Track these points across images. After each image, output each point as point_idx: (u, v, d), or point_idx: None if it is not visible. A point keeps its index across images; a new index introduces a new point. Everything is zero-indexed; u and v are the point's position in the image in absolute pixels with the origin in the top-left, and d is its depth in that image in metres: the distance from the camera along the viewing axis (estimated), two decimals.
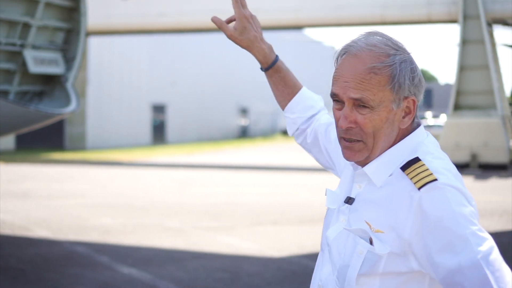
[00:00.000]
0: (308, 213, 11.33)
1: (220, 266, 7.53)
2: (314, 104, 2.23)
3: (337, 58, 1.75)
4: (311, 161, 24.81)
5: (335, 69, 1.74)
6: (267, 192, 14.77)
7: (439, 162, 1.68)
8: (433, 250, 1.60)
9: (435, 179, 1.61)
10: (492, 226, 9.82)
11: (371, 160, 1.74)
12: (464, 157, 20.14)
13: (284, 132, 51.91)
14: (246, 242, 8.88)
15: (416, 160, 1.67)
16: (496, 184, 16.27)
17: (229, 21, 2.25)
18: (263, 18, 23.43)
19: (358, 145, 1.70)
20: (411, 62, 1.72)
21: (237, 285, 6.75)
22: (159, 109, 39.66)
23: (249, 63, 49.92)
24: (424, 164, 1.65)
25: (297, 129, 2.23)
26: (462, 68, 21.21)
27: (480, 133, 20.26)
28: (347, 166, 1.89)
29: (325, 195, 1.90)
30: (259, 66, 2.30)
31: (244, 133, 49.95)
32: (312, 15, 22.70)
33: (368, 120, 1.67)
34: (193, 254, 8.18)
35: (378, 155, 1.73)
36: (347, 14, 22.05)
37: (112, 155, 28.69)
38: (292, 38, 52.58)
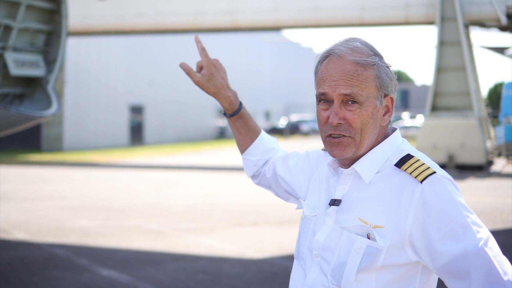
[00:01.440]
0: (287, 214, 11.37)
1: (200, 267, 7.53)
2: (273, 146, 2.30)
3: (318, 64, 1.84)
4: None
5: (320, 72, 1.82)
6: (246, 193, 14.79)
7: (428, 159, 1.79)
8: (435, 239, 1.69)
9: (434, 172, 1.72)
10: None
11: (357, 158, 1.83)
12: (441, 158, 20.32)
13: None
14: (225, 243, 8.89)
15: (409, 156, 1.78)
16: (473, 185, 16.43)
17: (199, 68, 2.33)
18: (241, 19, 23.55)
19: (346, 140, 1.78)
20: (386, 63, 1.83)
21: (217, 287, 6.75)
22: (137, 110, 39.50)
23: (228, 64, 49.89)
24: (419, 159, 1.76)
25: (257, 170, 2.29)
26: (440, 70, 21.39)
27: (457, 134, 20.44)
28: (317, 177, 1.98)
29: (299, 207, 1.99)
30: (222, 111, 2.33)
31: (222, 134, 49.91)
32: (290, 17, 22.75)
33: (357, 115, 1.77)
34: (173, 255, 8.17)
35: (364, 152, 1.82)
36: (325, 15, 22.15)
37: (89, 156, 28.52)
38: (270, 39, 52.67)
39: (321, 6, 22.30)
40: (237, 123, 2.28)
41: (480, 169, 20.08)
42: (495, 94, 57.02)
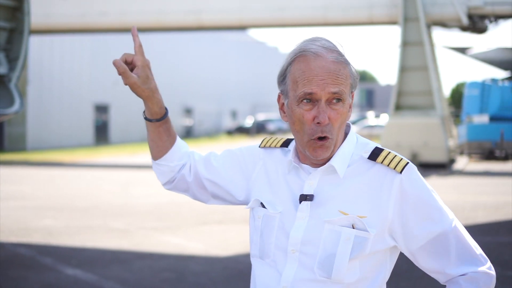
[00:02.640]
0: None
1: (166, 266, 7.54)
2: (187, 150, 2.20)
3: (289, 64, 1.84)
4: None
5: (298, 72, 1.82)
6: None
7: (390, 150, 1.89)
8: (414, 223, 1.82)
9: (408, 162, 1.83)
10: None
11: (331, 155, 1.87)
12: (404, 156, 20.55)
13: (229, 132, 51.99)
14: (191, 241, 8.91)
15: (379, 149, 1.86)
16: (435, 182, 16.69)
17: (128, 64, 2.08)
18: (206, 18, 23.55)
19: (328, 142, 1.82)
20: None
21: (183, 285, 6.77)
22: (101, 109, 39.21)
23: (194, 63, 49.82)
24: (390, 152, 1.85)
25: (173, 176, 2.17)
26: (403, 69, 21.68)
27: (420, 132, 20.73)
28: (263, 174, 1.99)
29: (252, 206, 1.97)
30: (149, 116, 2.11)
31: (188, 133, 49.80)
32: (255, 16, 22.82)
33: (339, 114, 1.81)
34: (139, 254, 8.16)
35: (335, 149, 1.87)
36: (290, 15, 22.28)
37: (53, 156, 28.23)
38: (235, 38, 52.72)
39: (286, 6, 22.42)
40: (162, 128, 2.10)
41: (442, 167, 20.40)
42: (458, 94, 57.89)
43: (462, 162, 22.98)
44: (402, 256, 1.99)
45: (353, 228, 1.81)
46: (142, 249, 8.44)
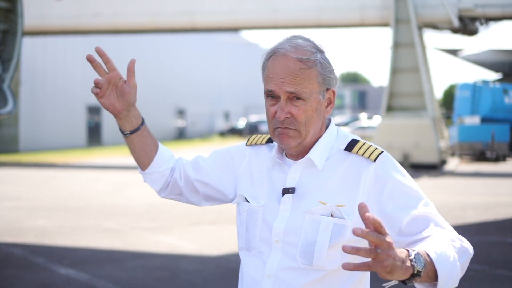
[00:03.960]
0: None
1: (159, 265, 7.60)
2: (171, 153, 2.27)
3: (265, 61, 1.97)
4: None
5: (266, 70, 1.96)
6: None
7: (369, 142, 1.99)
8: (391, 209, 1.89)
9: (382, 151, 1.92)
10: None
11: (305, 148, 1.97)
12: (396, 157, 20.61)
13: (221, 134, 52.03)
14: (184, 241, 8.98)
15: (356, 140, 1.97)
16: (427, 183, 16.79)
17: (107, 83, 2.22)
18: (200, 19, 23.60)
19: (292, 132, 1.93)
20: (328, 58, 1.97)
21: (175, 284, 6.84)
22: (94, 111, 39.18)
23: (187, 65, 49.84)
24: (366, 142, 1.95)
25: (165, 181, 2.23)
26: (394, 71, 21.79)
27: (411, 134, 20.85)
28: (247, 170, 2.10)
29: (238, 201, 2.08)
30: (125, 129, 2.19)
31: (181, 135, 49.81)
32: (248, 18, 22.91)
33: (302, 111, 1.91)
34: (131, 254, 8.22)
35: (311, 142, 1.97)
36: (283, 17, 22.37)
37: (46, 157, 28.23)
38: (228, 40, 52.77)
39: (279, 8, 22.51)
40: (144, 133, 2.18)
41: (434, 168, 20.52)
42: (450, 96, 58.10)
43: (453, 163, 23.11)
44: None
45: (332, 216, 1.89)
46: (134, 249, 8.50)
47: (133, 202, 13.19)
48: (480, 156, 24.05)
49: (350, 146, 1.95)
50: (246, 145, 2.18)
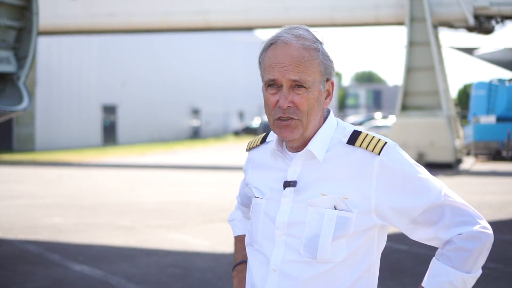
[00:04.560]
0: None
1: (172, 262, 7.63)
2: (241, 216, 2.41)
3: (264, 51, 1.95)
4: None
5: (267, 59, 1.93)
6: (219, 191, 14.90)
7: (370, 131, 1.96)
8: (402, 199, 1.89)
9: (386, 142, 1.90)
10: None
11: (305, 140, 1.95)
12: (411, 156, 20.55)
13: (236, 133, 52.07)
14: (197, 238, 8.99)
15: (357, 132, 1.94)
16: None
17: None
18: (213, 19, 23.64)
19: (294, 122, 1.90)
20: (326, 51, 1.95)
21: (189, 280, 6.86)
22: (109, 110, 39.36)
23: (201, 64, 49.93)
24: (368, 134, 1.92)
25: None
26: (409, 69, 21.70)
27: (426, 132, 20.75)
28: (252, 169, 2.11)
29: (253, 196, 2.06)
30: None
31: (195, 134, 49.91)
32: (262, 16, 22.90)
33: (305, 99, 1.89)
34: (145, 251, 8.25)
35: (310, 134, 1.95)
36: (296, 15, 22.33)
37: (61, 156, 28.39)
38: (241, 39, 52.79)
39: (292, 6, 22.49)
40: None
41: (449, 167, 20.41)
42: (465, 95, 57.78)
43: (468, 162, 22.98)
44: (405, 253, 2.08)
45: (335, 209, 1.88)
46: (148, 246, 8.53)
47: (146, 200, 13.24)
48: (495, 155, 23.92)
49: (353, 138, 1.92)
50: (246, 151, 2.19)
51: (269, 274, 1.94)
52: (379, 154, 1.88)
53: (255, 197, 2.03)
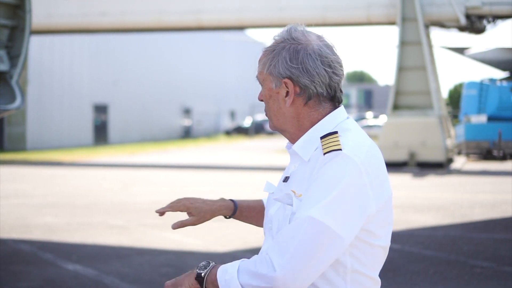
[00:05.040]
0: None
1: (165, 261, 7.63)
2: None
3: None
4: (253, 161, 25.00)
5: None
6: (210, 190, 14.90)
7: (353, 137, 1.92)
8: (305, 197, 1.87)
9: (340, 149, 1.85)
10: (429, 221, 10.20)
11: (292, 137, 2.03)
12: (402, 156, 20.68)
13: (227, 132, 52.05)
14: (190, 238, 9.00)
15: (334, 133, 1.91)
16: (433, 182, 16.79)
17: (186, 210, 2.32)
18: (205, 19, 23.63)
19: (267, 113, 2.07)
20: (297, 51, 1.95)
21: None
22: (101, 109, 39.27)
23: (192, 64, 49.88)
24: (338, 136, 1.89)
25: None
26: (401, 69, 21.77)
27: (418, 132, 20.82)
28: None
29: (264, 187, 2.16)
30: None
31: (187, 134, 49.87)
32: (254, 16, 22.92)
33: (261, 95, 2.06)
34: (138, 250, 8.25)
35: (295, 130, 2.01)
36: (289, 15, 22.35)
37: (53, 155, 28.32)
38: (234, 38, 52.77)
39: (285, 6, 22.51)
40: (244, 214, 2.33)
41: (440, 166, 20.49)
42: (456, 94, 57.96)
43: (460, 162, 23.07)
44: (398, 252, 2.11)
45: (291, 205, 1.94)
46: (141, 245, 8.53)
47: (139, 199, 13.23)
48: (486, 155, 23.99)
49: (325, 136, 1.92)
50: None
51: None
52: (324, 154, 1.87)
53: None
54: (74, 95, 36.73)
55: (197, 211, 2.29)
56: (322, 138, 1.91)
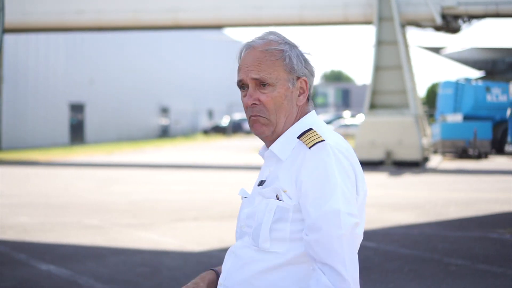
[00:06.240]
0: (229, 208, 11.49)
1: (141, 261, 7.58)
2: None
3: (239, 55, 2.08)
4: (231, 160, 24.98)
5: (239, 64, 2.07)
6: (187, 189, 14.85)
7: (329, 133, 2.01)
8: (310, 198, 1.92)
9: (323, 140, 1.94)
10: (404, 219, 10.25)
11: (278, 137, 2.04)
12: (379, 155, 20.78)
13: (205, 132, 51.96)
14: (166, 237, 8.95)
15: (310, 129, 2.00)
16: (409, 180, 16.88)
17: None
18: (183, 17, 23.54)
19: (262, 120, 2.00)
20: (300, 51, 2.04)
21: (157, 279, 6.82)
22: (77, 108, 38.98)
23: (170, 62, 49.70)
24: (315, 131, 1.98)
25: None
26: (377, 68, 21.88)
27: (394, 131, 20.93)
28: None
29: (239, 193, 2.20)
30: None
31: (164, 133, 49.69)
32: (232, 15, 22.89)
33: (270, 97, 1.98)
34: (113, 250, 8.18)
35: (284, 131, 2.03)
36: (266, 14, 22.36)
37: (28, 155, 28.05)
38: (211, 37, 52.68)
39: (262, 5, 22.51)
40: None
41: (416, 166, 20.62)
42: (433, 94, 58.40)
43: (436, 161, 23.24)
44: (373, 250, 2.14)
45: (277, 199, 1.97)
46: (116, 245, 8.46)
47: (115, 199, 13.14)
48: (462, 154, 24.23)
49: (301, 134, 1.99)
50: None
51: (228, 255, 2.10)
52: (310, 148, 1.94)
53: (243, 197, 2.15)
54: (50, 94, 36.42)
55: None
56: (299, 137, 1.97)
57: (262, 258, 1.98)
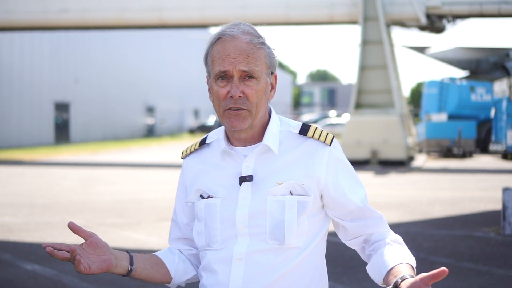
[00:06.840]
0: None
1: None
2: (175, 257, 2.21)
3: (211, 46, 2.01)
4: None
5: (216, 53, 1.99)
6: (173, 189, 14.77)
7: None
8: (345, 190, 2.03)
9: (334, 136, 2.04)
10: (390, 218, 10.28)
11: (254, 132, 2.02)
12: (364, 154, 20.85)
13: (191, 131, 51.89)
14: (152, 237, 8.94)
15: (307, 125, 2.04)
16: (394, 179, 16.95)
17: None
18: (168, 16, 23.50)
19: (244, 113, 1.97)
20: (269, 46, 2.04)
21: None
22: (62, 107, 38.78)
23: (156, 62, 49.57)
24: (316, 127, 2.04)
25: (195, 268, 2.20)
26: (363, 68, 21.95)
27: (379, 130, 21.01)
28: (193, 174, 2.11)
29: (201, 198, 2.07)
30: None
31: (150, 132, 49.56)
32: (217, 14, 22.87)
33: (254, 90, 1.97)
34: None
35: (258, 126, 2.02)
36: (252, 13, 22.36)
37: (12, 154, 27.87)
38: (197, 36, 52.60)
39: (247, 4, 22.52)
40: (141, 271, 2.10)
41: (401, 165, 20.71)
42: (417, 93, 58.67)
43: (420, 160, 23.35)
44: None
45: (292, 194, 1.98)
46: None
47: (100, 198, 13.09)
48: (447, 153, 24.37)
49: (304, 130, 2.03)
50: (182, 158, 2.20)
51: (233, 263, 1.98)
52: (330, 144, 2.02)
53: (208, 197, 2.04)
54: (34, 93, 36.20)
55: (100, 243, 2.10)
56: (304, 134, 2.02)
57: (283, 257, 1.97)
